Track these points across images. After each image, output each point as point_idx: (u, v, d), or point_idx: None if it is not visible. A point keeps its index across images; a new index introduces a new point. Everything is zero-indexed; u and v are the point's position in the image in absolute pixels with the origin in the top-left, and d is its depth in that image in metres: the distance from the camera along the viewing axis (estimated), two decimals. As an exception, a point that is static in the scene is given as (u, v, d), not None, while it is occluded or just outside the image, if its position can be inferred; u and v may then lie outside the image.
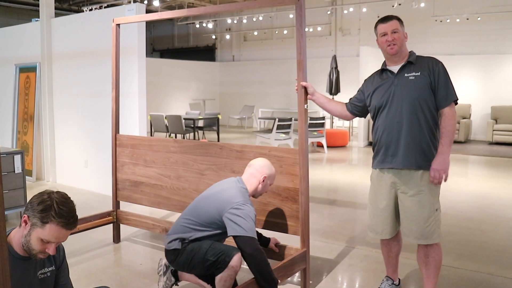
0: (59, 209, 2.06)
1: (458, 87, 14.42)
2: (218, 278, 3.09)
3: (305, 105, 3.48)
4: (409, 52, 3.31)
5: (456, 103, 3.19)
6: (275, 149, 3.71)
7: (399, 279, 3.73)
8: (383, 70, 3.35)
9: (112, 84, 4.69)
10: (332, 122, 14.78)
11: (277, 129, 10.95)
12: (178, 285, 3.57)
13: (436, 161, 3.13)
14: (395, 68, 3.27)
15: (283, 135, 11.12)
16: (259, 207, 3.79)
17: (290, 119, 11.37)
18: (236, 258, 3.06)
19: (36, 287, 2.21)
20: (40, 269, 2.23)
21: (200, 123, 13.05)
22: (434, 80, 3.15)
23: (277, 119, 11.01)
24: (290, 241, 3.94)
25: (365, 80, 3.50)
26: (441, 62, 3.24)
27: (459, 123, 12.88)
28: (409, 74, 3.20)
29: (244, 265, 3.10)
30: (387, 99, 3.25)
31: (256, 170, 3.40)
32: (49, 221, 2.04)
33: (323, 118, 11.74)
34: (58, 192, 2.15)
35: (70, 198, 2.17)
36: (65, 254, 2.42)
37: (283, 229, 3.71)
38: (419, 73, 3.17)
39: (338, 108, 3.63)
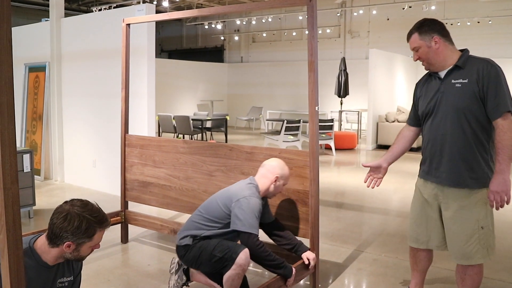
0: (95, 218, 2.18)
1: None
2: (225, 277, 3.08)
3: (316, 107, 3.44)
4: (462, 51, 2.96)
5: None
6: (285, 151, 3.68)
7: None
8: (430, 74, 3.05)
9: (122, 84, 4.68)
10: (341, 125, 14.74)
11: (285, 131, 10.92)
12: (188, 285, 3.55)
13: (495, 182, 2.74)
14: (442, 73, 2.95)
15: (291, 137, 11.08)
16: (269, 209, 3.77)
17: (299, 121, 11.33)
18: (243, 255, 3.04)
19: None
20: (60, 277, 2.30)
21: (208, 124, 13.04)
22: (482, 88, 2.76)
23: (285, 121, 10.98)
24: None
25: (416, 84, 3.22)
26: (496, 66, 2.82)
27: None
28: (456, 81, 2.85)
29: (258, 267, 3.08)
30: (433, 107, 2.95)
31: (268, 171, 3.38)
32: (95, 232, 2.19)
33: (332, 120, 11.71)
34: (73, 205, 2.20)
35: (85, 200, 2.26)
36: (82, 266, 2.49)
37: (293, 231, 3.67)
38: (466, 80, 2.81)
39: (406, 137, 3.26)
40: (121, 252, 4.72)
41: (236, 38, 20.12)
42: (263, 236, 3.62)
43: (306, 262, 3.46)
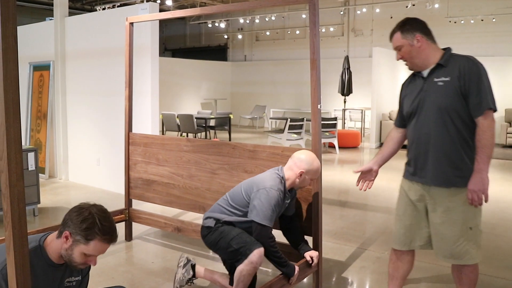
0: (102, 226, 2.09)
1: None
2: (238, 269, 3.10)
3: (319, 105, 3.45)
4: (444, 50, 2.93)
5: (495, 111, 2.75)
6: (288, 149, 3.69)
7: None
8: (414, 74, 3.03)
9: (125, 83, 4.70)
10: (344, 123, 14.73)
11: (289, 129, 10.93)
12: (193, 282, 3.57)
13: (472, 181, 2.73)
14: (425, 72, 2.92)
15: (295, 135, 11.09)
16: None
17: (302, 119, 11.34)
18: (256, 253, 3.05)
19: None
20: (68, 277, 2.27)
21: (212, 123, 13.06)
22: (464, 85, 2.73)
23: (289, 119, 10.99)
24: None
25: (401, 85, 3.18)
26: (477, 63, 2.80)
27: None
28: (438, 79, 2.83)
29: (263, 266, 3.08)
30: (416, 106, 2.93)
31: (294, 163, 3.33)
32: (94, 238, 2.08)
33: (335, 118, 11.70)
34: (95, 205, 2.17)
35: (107, 211, 2.19)
36: (90, 267, 2.45)
37: (296, 229, 3.69)
38: (448, 78, 2.78)
39: (394, 139, 3.24)
40: (125, 250, 4.74)
41: (240, 36, 20.11)
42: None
43: (309, 260, 3.47)
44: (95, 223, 2.07)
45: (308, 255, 3.49)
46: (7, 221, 1.57)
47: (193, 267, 3.59)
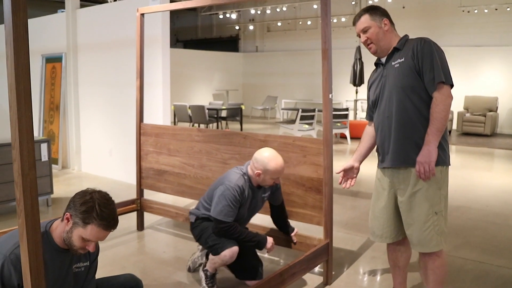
0: (100, 211, 2.09)
1: (485, 80, 14.26)
2: (211, 256, 3.44)
3: (330, 95, 3.44)
4: (402, 37, 2.96)
5: (452, 86, 2.75)
6: (299, 139, 3.69)
7: None
8: (376, 64, 3.09)
9: (137, 74, 4.71)
10: (356, 114, 14.66)
11: (300, 119, 10.91)
12: (205, 266, 3.63)
13: (421, 154, 2.73)
14: (383, 59, 2.99)
15: (307, 126, 11.07)
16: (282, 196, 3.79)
17: (314, 110, 11.31)
18: (227, 253, 3.31)
19: (70, 279, 2.26)
20: (76, 262, 2.29)
21: (223, 114, 13.06)
22: (418, 63, 2.75)
23: (300, 110, 10.97)
24: (312, 231, 3.92)
25: (368, 80, 3.21)
26: (429, 41, 2.79)
27: (485, 116, 12.64)
28: (395, 62, 2.86)
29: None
30: (379, 93, 2.96)
31: (253, 164, 3.45)
32: (91, 222, 2.09)
33: (347, 109, 11.65)
34: (100, 192, 2.18)
35: (111, 198, 2.20)
36: (99, 252, 2.47)
37: (306, 219, 3.70)
38: (403, 59, 2.82)
39: (369, 133, 3.21)
40: (137, 239, 4.78)
41: (251, 27, 20.03)
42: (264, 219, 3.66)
43: (295, 240, 3.78)
44: (94, 208, 2.08)
45: (293, 235, 3.78)
46: (20, 210, 1.59)
47: (207, 255, 3.67)
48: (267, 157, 3.36)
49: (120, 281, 2.59)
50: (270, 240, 3.48)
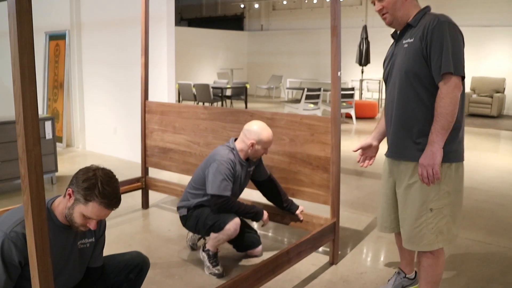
0: (103, 189, 2.04)
1: (493, 61, 14.09)
2: (214, 235, 3.41)
3: (338, 73, 3.38)
4: (421, 10, 2.59)
5: (463, 77, 2.42)
6: (307, 117, 3.64)
7: (416, 272, 3.15)
8: (392, 36, 2.76)
9: (142, 51, 4.65)
10: (361, 94, 14.57)
11: (306, 99, 10.84)
12: (205, 238, 3.69)
13: (423, 155, 2.45)
14: (397, 34, 2.69)
15: (312, 105, 11.00)
16: (289, 175, 3.76)
17: (319, 89, 11.23)
18: (231, 226, 3.31)
19: (75, 256, 2.24)
20: (81, 239, 2.25)
21: (228, 92, 13.00)
22: (426, 47, 2.43)
23: (306, 89, 10.89)
24: (318, 211, 3.90)
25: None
26: (443, 21, 2.42)
27: (491, 98, 12.53)
28: (405, 41, 2.56)
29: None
30: (388, 73, 2.72)
31: (245, 135, 3.47)
32: (92, 200, 2.04)
33: (353, 89, 11.57)
34: (103, 169, 2.13)
35: (114, 177, 2.15)
36: (105, 227, 2.43)
37: (313, 198, 3.68)
38: (412, 39, 2.50)
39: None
40: (142, 217, 4.77)
41: (256, 6, 19.82)
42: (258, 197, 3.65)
43: (301, 218, 3.74)
44: (96, 185, 2.03)
45: (298, 212, 3.73)
46: (24, 186, 1.56)
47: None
48: (259, 127, 3.44)
49: (127, 258, 2.56)
50: (265, 213, 3.54)
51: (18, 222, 2.00)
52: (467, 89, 13.16)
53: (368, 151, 3.07)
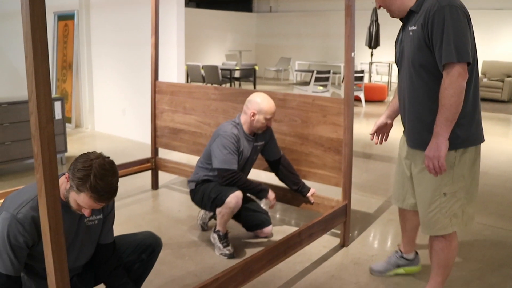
0: (95, 183, 1.96)
1: (504, 44, 13.88)
2: (217, 211, 3.45)
3: (352, 53, 3.33)
4: None
5: (469, 63, 2.30)
6: (319, 98, 3.60)
7: (416, 253, 3.22)
8: (400, 19, 2.67)
9: (152, 30, 4.60)
10: (370, 77, 14.45)
11: (315, 81, 10.76)
12: (215, 218, 3.69)
13: (428, 147, 2.41)
14: (403, 20, 2.63)
15: (321, 87, 10.93)
16: (301, 157, 3.73)
17: (329, 72, 11.14)
18: (232, 198, 3.34)
19: (83, 233, 2.22)
20: (88, 216, 2.22)
21: (237, 74, 12.94)
22: (428, 35, 2.35)
23: (315, 71, 10.81)
24: (328, 192, 3.87)
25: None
26: (443, 5, 2.30)
27: (503, 82, 12.37)
28: (410, 28, 2.47)
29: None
30: (398, 60, 2.67)
31: (246, 107, 3.50)
32: (83, 191, 1.98)
33: (362, 71, 11.47)
34: (103, 159, 2.03)
35: (112, 169, 2.04)
36: (114, 203, 2.40)
37: (324, 180, 3.65)
38: (416, 27, 2.43)
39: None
40: (152, 198, 4.77)
41: (265, -13, 19.64)
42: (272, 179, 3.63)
43: (312, 201, 3.72)
44: (89, 178, 1.96)
45: (310, 195, 3.71)
46: (38, 164, 1.53)
47: (215, 215, 3.68)
48: (260, 98, 3.46)
49: (139, 238, 2.55)
50: (271, 192, 3.54)
51: (25, 203, 1.98)
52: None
53: (383, 129, 3.07)
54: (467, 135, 2.47)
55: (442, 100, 2.32)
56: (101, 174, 1.98)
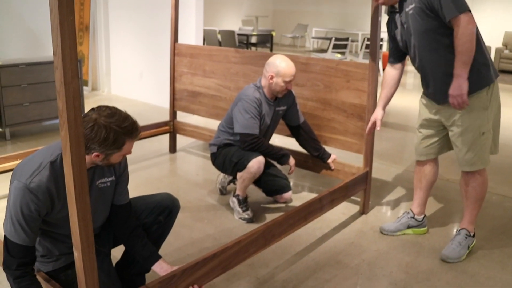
0: (123, 130, 1.99)
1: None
2: (239, 175, 3.43)
3: (379, 17, 3.22)
4: None
5: (470, 12, 2.61)
6: (343, 63, 3.51)
7: (425, 215, 3.36)
8: (391, 12, 3.00)
9: (171, -9, 4.51)
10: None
11: (333, 48, 10.60)
12: (234, 183, 3.75)
13: (452, 87, 2.70)
14: (397, 6, 2.90)
15: (339, 55, 10.77)
16: (322, 122, 3.68)
17: (347, 39, 10.96)
18: (254, 163, 3.32)
19: (95, 195, 2.19)
20: (100, 178, 2.20)
21: (253, 40, 12.79)
22: (427, 4, 2.67)
23: (333, 38, 10.64)
24: (349, 159, 3.83)
25: (386, 24, 3.12)
26: None
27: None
28: (408, 8, 2.79)
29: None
30: (405, 42, 2.94)
31: (265, 70, 3.44)
32: (124, 142, 2.02)
33: (381, 39, 11.24)
34: (98, 112, 1.99)
35: (116, 109, 2.05)
36: (127, 164, 2.37)
37: (346, 146, 3.60)
38: (414, 4, 2.74)
39: (393, 78, 3.18)
40: (169, 161, 4.76)
41: (283, -50, 19.22)
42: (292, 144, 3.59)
43: (333, 167, 3.68)
44: (118, 132, 1.98)
45: (330, 162, 3.68)
46: (62, 121, 1.49)
47: (234, 179, 3.69)
48: (279, 60, 3.39)
49: (157, 199, 2.53)
50: (291, 158, 3.52)
51: (38, 172, 1.95)
52: (499, 44, 12.71)
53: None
54: (489, 72, 2.80)
55: (458, 47, 2.62)
56: (117, 120, 1.99)
